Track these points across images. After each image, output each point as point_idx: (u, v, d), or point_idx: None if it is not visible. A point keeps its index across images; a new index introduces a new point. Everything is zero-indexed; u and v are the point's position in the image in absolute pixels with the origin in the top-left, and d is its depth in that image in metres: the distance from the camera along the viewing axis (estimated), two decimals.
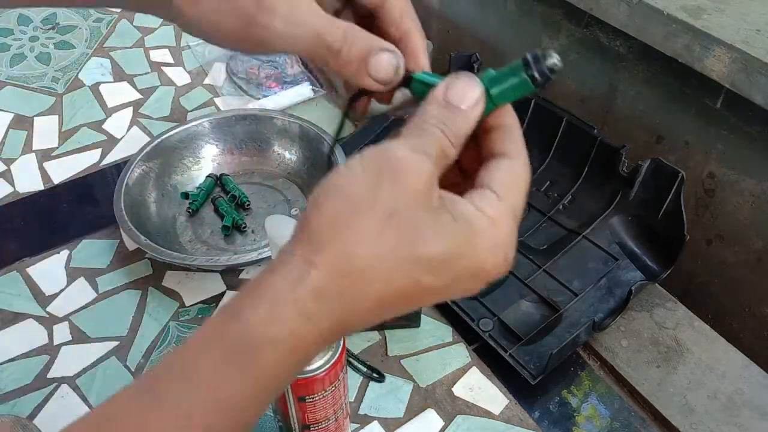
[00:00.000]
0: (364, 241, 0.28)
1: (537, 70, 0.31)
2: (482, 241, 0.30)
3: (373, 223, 0.28)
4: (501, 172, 0.32)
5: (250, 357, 0.28)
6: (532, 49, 0.31)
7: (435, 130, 0.30)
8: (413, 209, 0.29)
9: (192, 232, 0.81)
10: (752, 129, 0.69)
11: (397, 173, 0.29)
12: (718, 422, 0.62)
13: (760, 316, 0.76)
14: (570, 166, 0.81)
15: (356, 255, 0.28)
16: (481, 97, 0.31)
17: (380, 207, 0.28)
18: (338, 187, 0.29)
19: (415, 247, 0.28)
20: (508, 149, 0.32)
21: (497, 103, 0.32)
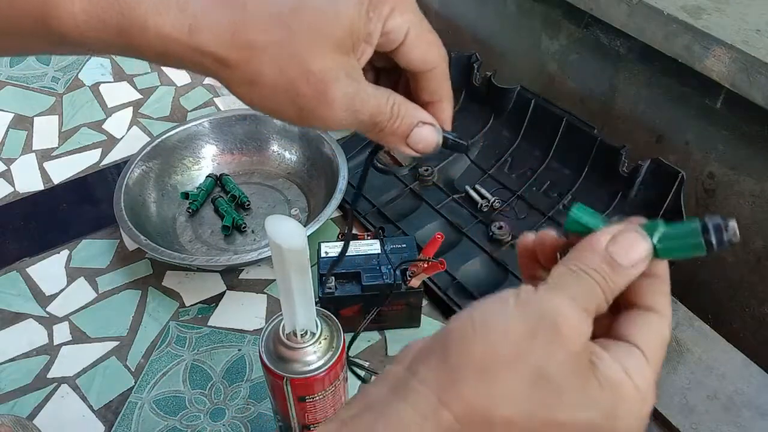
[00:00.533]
0: (507, 396, 0.27)
1: (716, 239, 0.29)
2: (625, 413, 0.28)
3: (519, 379, 0.27)
4: (651, 330, 0.30)
5: None
6: (714, 216, 0.29)
7: (596, 285, 0.29)
8: (565, 373, 0.27)
9: (192, 232, 0.81)
10: (752, 129, 0.69)
11: (556, 330, 0.27)
12: (718, 422, 0.62)
13: (760, 316, 0.76)
14: (570, 166, 0.81)
15: (494, 408, 0.27)
16: (648, 256, 0.30)
17: (531, 364, 0.27)
18: (490, 329, 0.27)
19: (556, 411, 0.27)
20: (657, 304, 0.30)
21: (661, 257, 0.30)
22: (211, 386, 0.65)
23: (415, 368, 0.28)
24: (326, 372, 0.48)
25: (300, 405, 0.50)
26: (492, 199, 0.82)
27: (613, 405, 0.27)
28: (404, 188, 0.86)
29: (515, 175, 0.85)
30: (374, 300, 0.66)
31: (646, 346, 0.29)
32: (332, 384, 0.50)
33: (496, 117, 0.89)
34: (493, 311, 0.28)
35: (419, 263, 0.65)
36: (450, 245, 0.77)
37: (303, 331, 0.48)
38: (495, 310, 0.28)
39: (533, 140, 0.85)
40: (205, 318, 0.72)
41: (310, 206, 0.85)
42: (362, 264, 0.67)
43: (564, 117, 0.80)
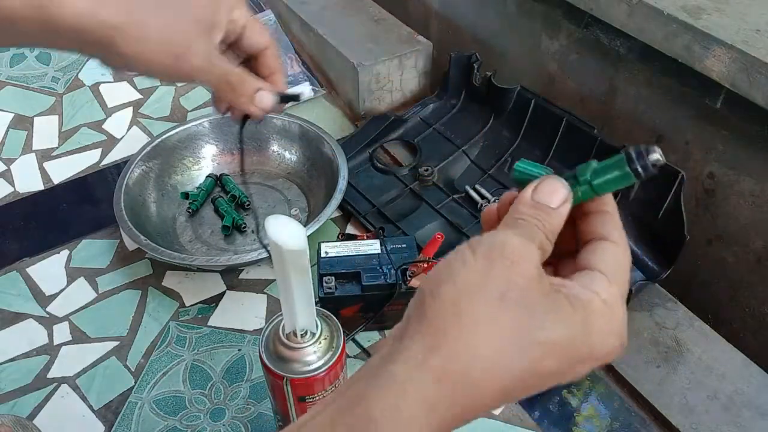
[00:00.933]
0: (485, 328, 0.29)
1: (640, 165, 0.31)
2: (598, 326, 0.30)
3: (491, 307, 0.29)
4: (608, 255, 0.32)
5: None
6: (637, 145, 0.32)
7: (533, 226, 0.32)
8: (527, 292, 0.29)
9: (192, 232, 0.81)
10: (752, 129, 0.69)
11: (507, 258, 0.29)
12: (718, 422, 0.62)
13: (760, 316, 0.76)
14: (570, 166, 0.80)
15: (476, 342, 0.28)
16: (569, 195, 0.33)
17: (496, 290, 0.29)
18: (453, 273, 0.30)
19: (534, 331, 0.29)
20: (611, 235, 0.33)
21: (599, 193, 0.33)
22: (211, 386, 0.65)
23: (400, 335, 0.30)
24: (326, 372, 0.48)
25: (300, 405, 0.50)
26: (492, 199, 0.82)
27: (585, 320, 0.29)
28: (404, 188, 0.86)
29: None
30: (374, 300, 0.66)
31: (605, 269, 0.31)
32: (332, 384, 0.50)
33: (496, 117, 0.89)
34: (452, 262, 0.31)
35: (419, 263, 0.65)
36: (450, 246, 0.76)
37: (303, 331, 0.48)
38: (454, 260, 0.31)
39: (533, 140, 0.85)
40: (205, 318, 0.72)
41: (310, 206, 0.85)
42: (362, 264, 0.67)
43: (564, 117, 0.80)
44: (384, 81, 0.99)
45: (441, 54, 1.03)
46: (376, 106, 1.00)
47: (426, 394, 0.28)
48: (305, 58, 1.10)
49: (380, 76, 0.98)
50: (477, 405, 0.29)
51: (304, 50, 1.12)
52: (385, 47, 0.99)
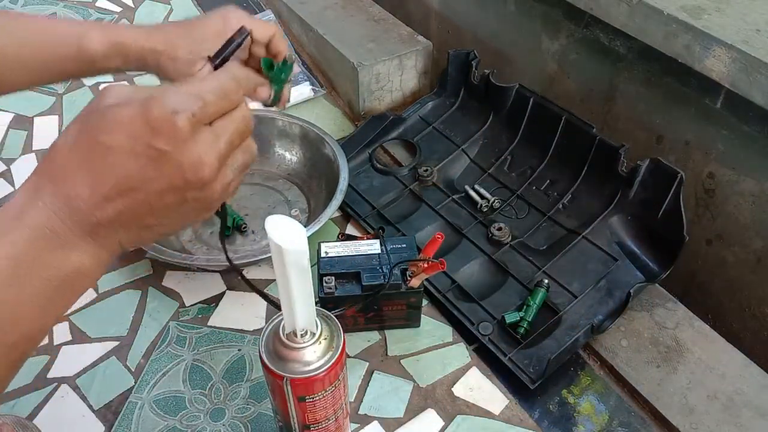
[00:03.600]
0: (61, 135, 0.37)
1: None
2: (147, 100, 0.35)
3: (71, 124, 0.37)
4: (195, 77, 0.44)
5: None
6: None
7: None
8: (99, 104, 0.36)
9: (192, 232, 0.81)
10: (752, 129, 0.69)
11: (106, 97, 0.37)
12: (718, 422, 0.62)
13: (760, 316, 0.76)
14: (569, 166, 0.81)
15: (54, 144, 0.37)
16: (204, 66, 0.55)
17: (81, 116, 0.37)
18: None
19: (90, 121, 0.36)
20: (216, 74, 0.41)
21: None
22: (211, 386, 0.65)
23: None
24: (326, 372, 0.48)
25: (300, 405, 0.50)
26: (492, 199, 0.82)
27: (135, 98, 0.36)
28: (404, 189, 0.86)
29: (515, 173, 0.85)
30: (374, 300, 0.66)
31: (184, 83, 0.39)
32: (332, 384, 0.50)
33: (495, 115, 0.89)
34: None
35: (419, 263, 0.65)
36: (450, 247, 0.77)
37: (303, 331, 0.48)
38: None
39: (532, 139, 0.85)
40: (205, 318, 0.72)
41: (310, 207, 0.85)
42: (362, 264, 0.67)
43: (563, 116, 0.80)
44: (384, 81, 0.99)
45: (441, 54, 1.03)
46: (376, 105, 1.00)
47: (33, 187, 0.36)
48: (305, 58, 1.10)
49: (380, 76, 0.98)
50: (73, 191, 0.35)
51: (304, 50, 1.12)
52: (385, 47, 0.99)
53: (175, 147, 0.35)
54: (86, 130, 0.36)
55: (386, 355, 0.68)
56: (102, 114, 0.36)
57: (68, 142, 0.36)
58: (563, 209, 0.79)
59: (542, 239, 0.78)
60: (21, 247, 0.35)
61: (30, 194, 0.36)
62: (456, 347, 0.69)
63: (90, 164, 0.35)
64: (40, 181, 0.36)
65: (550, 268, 0.74)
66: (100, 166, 0.35)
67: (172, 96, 0.36)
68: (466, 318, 0.70)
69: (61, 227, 0.36)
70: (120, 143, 0.35)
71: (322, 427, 0.53)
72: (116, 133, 0.35)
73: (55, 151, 0.36)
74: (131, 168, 0.35)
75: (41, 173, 0.37)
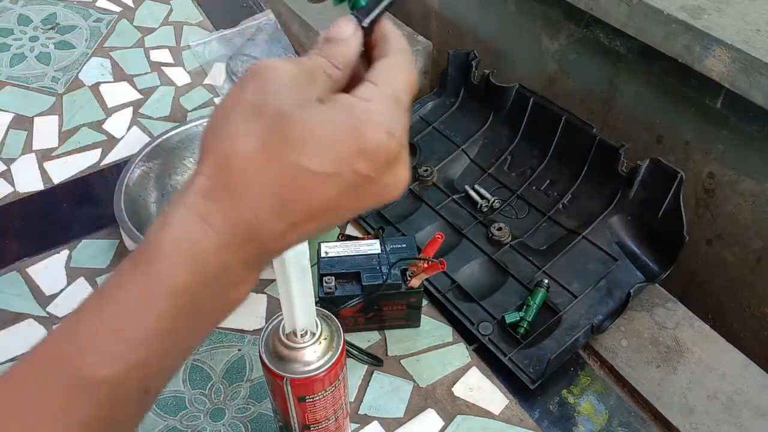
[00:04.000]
0: (236, 138, 0.30)
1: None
2: (357, 118, 0.31)
3: (240, 120, 0.30)
4: (378, 66, 0.34)
5: (152, 257, 0.30)
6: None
7: (314, 55, 0.33)
8: (278, 100, 0.30)
9: None
10: (752, 129, 0.69)
11: (258, 74, 0.31)
12: (718, 422, 0.62)
13: (760, 316, 0.76)
14: (569, 166, 0.81)
15: (232, 152, 0.30)
16: (356, 28, 0.34)
17: (245, 104, 0.30)
18: (216, 107, 0.32)
19: (284, 132, 0.29)
20: (385, 49, 0.35)
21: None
22: (211, 386, 0.65)
23: None
24: (326, 372, 0.48)
25: (300, 405, 0.50)
26: (492, 199, 0.82)
27: (344, 115, 0.30)
28: None
29: (515, 173, 0.85)
30: (374, 300, 0.66)
31: (374, 77, 0.33)
32: (332, 384, 0.50)
33: (495, 115, 0.89)
34: (226, 96, 0.32)
35: (419, 263, 0.65)
36: (450, 247, 0.77)
37: (303, 331, 0.48)
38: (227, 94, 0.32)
39: (532, 139, 0.85)
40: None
41: None
42: (362, 264, 0.67)
43: (563, 116, 0.80)
44: None
45: (441, 54, 1.03)
46: None
47: (197, 210, 0.30)
48: None
49: None
50: (257, 219, 0.30)
51: (304, 50, 1.12)
52: None
53: (382, 172, 0.31)
54: (277, 143, 0.29)
55: (386, 355, 0.68)
56: (299, 126, 0.29)
57: (252, 154, 0.29)
58: (563, 209, 0.79)
59: (542, 239, 0.78)
60: (185, 292, 0.30)
61: (195, 217, 0.30)
62: (456, 347, 0.69)
63: (283, 189, 0.29)
64: (211, 197, 0.30)
65: (550, 268, 0.74)
66: (294, 192, 0.30)
67: (381, 111, 0.31)
68: (466, 318, 0.70)
69: (234, 262, 0.30)
70: (323, 169, 0.29)
71: (322, 427, 0.53)
72: (320, 156, 0.29)
73: (231, 160, 0.29)
74: (330, 195, 0.30)
75: (213, 188, 0.30)
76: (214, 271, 0.30)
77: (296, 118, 0.29)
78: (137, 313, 0.30)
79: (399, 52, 0.34)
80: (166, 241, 0.30)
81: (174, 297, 0.30)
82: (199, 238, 0.29)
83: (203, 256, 0.30)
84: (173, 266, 0.29)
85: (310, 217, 0.31)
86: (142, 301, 0.30)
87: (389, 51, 0.34)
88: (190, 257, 0.29)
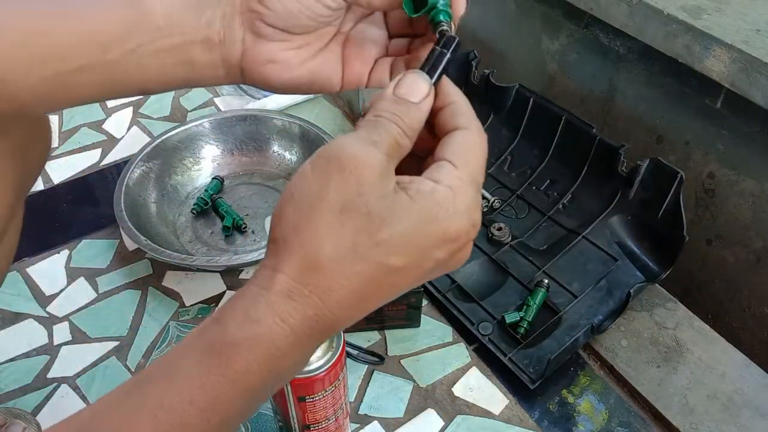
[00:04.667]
0: (323, 239, 0.29)
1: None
2: (442, 210, 0.30)
3: (328, 219, 0.29)
4: (454, 142, 0.32)
5: (227, 356, 0.29)
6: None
7: (388, 122, 0.31)
8: (365, 198, 0.29)
9: (192, 232, 0.81)
10: (752, 129, 0.69)
11: (344, 168, 0.29)
12: (718, 422, 0.62)
13: (760, 316, 0.76)
14: (569, 166, 0.81)
15: (318, 253, 0.29)
16: (431, 89, 0.33)
17: (332, 202, 0.29)
18: (293, 193, 0.30)
19: (372, 232, 0.29)
20: (459, 122, 0.33)
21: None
22: None
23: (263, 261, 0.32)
24: (326, 372, 0.48)
25: (300, 405, 0.50)
26: (492, 199, 0.82)
27: (426, 209, 0.30)
28: None
29: (515, 173, 0.85)
30: None
31: (452, 156, 0.31)
32: (332, 384, 0.50)
33: (495, 115, 0.89)
34: (293, 181, 0.31)
35: None
36: None
37: None
38: (296, 177, 0.31)
39: (532, 139, 0.85)
40: (205, 318, 0.72)
41: None
42: None
43: (563, 116, 0.80)
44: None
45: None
46: None
47: (277, 309, 0.29)
48: None
49: None
50: (330, 314, 0.30)
51: None
52: None
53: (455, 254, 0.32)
54: (366, 246, 0.29)
55: (386, 355, 0.68)
56: (389, 228, 0.29)
57: (340, 258, 0.29)
58: (563, 209, 0.79)
59: (542, 239, 0.78)
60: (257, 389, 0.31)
61: (275, 317, 0.29)
62: (456, 347, 0.69)
63: (366, 287, 0.30)
64: (293, 297, 0.29)
65: (550, 268, 0.74)
66: (376, 288, 0.30)
67: (464, 199, 0.31)
68: (466, 318, 0.70)
69: (305, 355, 0.32)
70: (407, 263, 0.30)
71: (322, 427, 0.53)
72: (406, 254, 0.30)
73: (318, 263, 0.29)
74: (407, 283, 0.31)
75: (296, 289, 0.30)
76: (287, 366, 0.31)
77: (384, 218, 0.29)
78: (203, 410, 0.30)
79: (475, 127, 0.33)
80: (246, 342, 0.30)
81: (246, 394, 0.30)
82: (278, 339, 0.30)
83: (278, 354, 0.30)
84: (248, 365, 0.30)
85: (382, 303, 0.32)
86: (212, 401, 0.30)
87: (462, 123, 0.33)
88: (267, 358, 0.30)
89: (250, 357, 0.29)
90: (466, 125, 0.33)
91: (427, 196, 0.30)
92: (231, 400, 0.30)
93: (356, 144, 0.30)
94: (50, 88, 0.35)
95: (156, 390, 0.30)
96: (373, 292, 0.31)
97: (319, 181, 0.30)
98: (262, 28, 0.36)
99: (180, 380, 0.30)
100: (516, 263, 0.75)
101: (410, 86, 0.32)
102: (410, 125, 0.32)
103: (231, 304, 0.31)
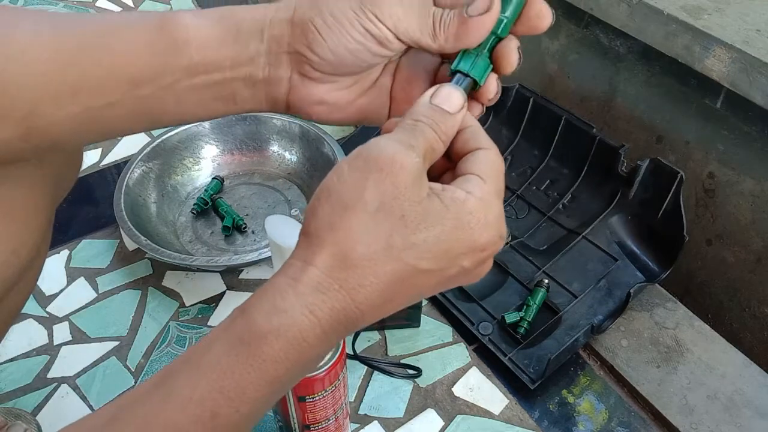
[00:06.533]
0: (358, 237, 0.30)
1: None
2: (474, 219, 0.31)
3: (363, 218, 0.30)
4: (480, 159, 0.33)
5: (255, 346, 0.30)
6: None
7: (426, 127, 0.32)
8: (401, 201, 0.30)
9: (192, 232, 0.81)
10: (752, 129, 0.69)
11: (381, 169, 0.30)
12: (718, 422, 0.62)
13: (760, 316, 0.76)
14: (569, 166, 0.81)
15: (351, 251, 0.30)
16: (465, 103, 0.34)
17: (368, 202, 0.30)
18: (330, 190, 0.31)
19: (406, 234, 0.30)
20: (481, 143, 0.34)
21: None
22: None
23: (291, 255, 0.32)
24: (326, 372, 0.48)
25: (300, 405, 0.50)
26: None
27: (459, 217, 0.31)
28: None
29: (515, 173, 0.85)
30: None
31: (480, 171, 0.33)
32: (332, 384, 0.50)
33: (495, 115, 0.89)
34: (330, 177, 0.32)
35: None
36: None
37: None
38: (332, 175, 0.32)
39: (532, 139, 0.85)
40: (205, 318, 0.72)
41: None
42: None
43: (563, 116, 0.80)
44: None
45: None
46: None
47: (306, 300, 0.30)
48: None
49: None
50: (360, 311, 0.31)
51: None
52: None
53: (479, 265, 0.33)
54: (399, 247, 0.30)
55: (386, 355, 0.68)
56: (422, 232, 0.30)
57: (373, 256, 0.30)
58: (563, 209, 0.79)
59: (542, 239, 0.78)
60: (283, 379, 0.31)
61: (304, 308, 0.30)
62: (456, 347, 0.69)
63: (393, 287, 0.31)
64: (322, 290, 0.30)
65: (550, 268, 0.74)
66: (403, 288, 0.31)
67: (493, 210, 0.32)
68: (466, 318, 0.70)
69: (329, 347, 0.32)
70: (435, 267, 0.31)
71: (322, 427, 0.53)
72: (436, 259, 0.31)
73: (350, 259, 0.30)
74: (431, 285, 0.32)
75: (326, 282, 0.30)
76: (311, 358, 0.31)
77: (419, 221, 0.30)
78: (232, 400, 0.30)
79: (495, 148, 0.34)
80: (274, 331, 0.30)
81: (272, 384, 0.31)
82: (305, 330, 0.30)
83: (305, 345, 0.30)
84: (275, 354, 0.30)
85: (404, 305, 0.32)
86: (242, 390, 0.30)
87: (483, 144, 0.34)
88: (294, 348, 0.30)
89: (277, 346, 0.30)
90: (487, 146, 0.34)
91: (461, 204, 0.31)
92: (258, 390, 0.30)
93: (394, 146, 0.31)
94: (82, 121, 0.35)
95: (184, 382, 0.30)
96: (399, 292, 0.31)
97: (356, 180, 0.30)
98: (311, 72, 0.36)
99: (208, 371, 0.30)
100: (516, 263, 0.75)
101: (447, 97, 0.33)
102: (446, 131, 0.33)
103: (257, 295, 0.31)
